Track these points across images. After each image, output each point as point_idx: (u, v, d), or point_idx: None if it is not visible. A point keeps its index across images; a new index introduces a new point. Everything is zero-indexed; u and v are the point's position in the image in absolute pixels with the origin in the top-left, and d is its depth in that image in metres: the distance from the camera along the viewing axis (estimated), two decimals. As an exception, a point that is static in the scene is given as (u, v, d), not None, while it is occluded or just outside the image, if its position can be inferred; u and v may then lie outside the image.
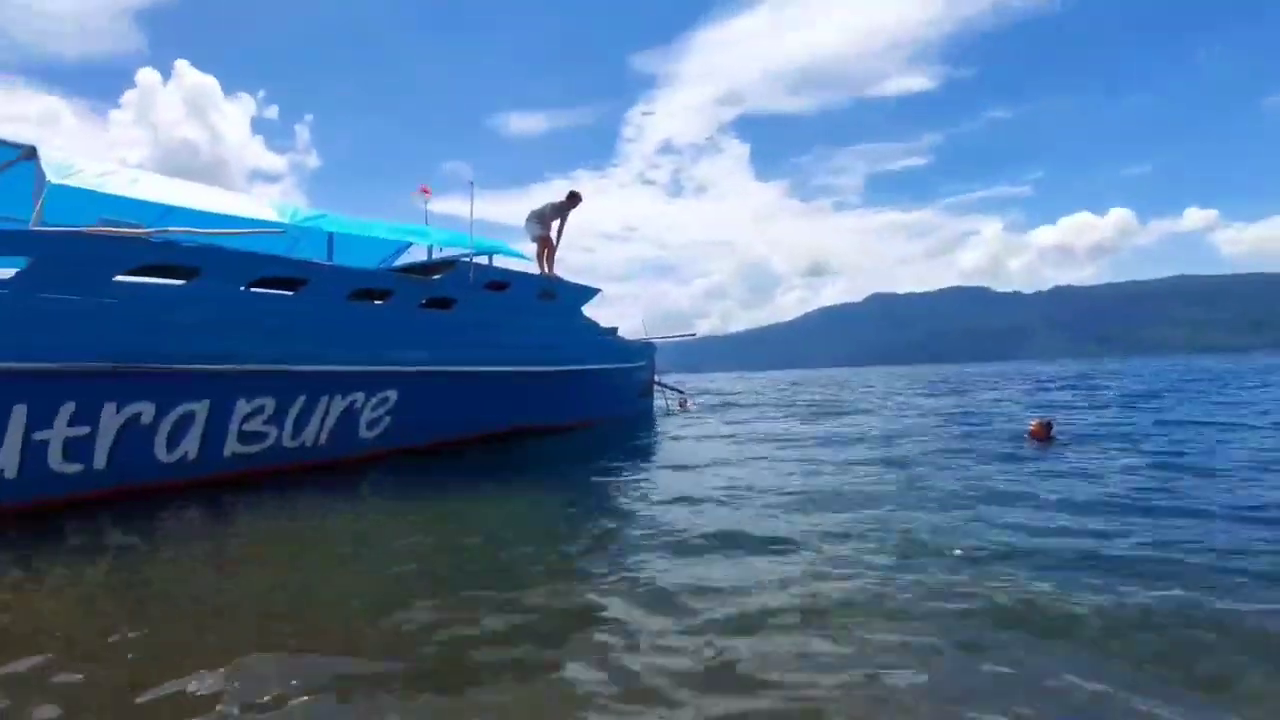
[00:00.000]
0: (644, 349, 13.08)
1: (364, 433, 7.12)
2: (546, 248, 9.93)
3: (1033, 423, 7.41)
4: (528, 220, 10.02)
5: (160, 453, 5.61)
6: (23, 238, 4.96)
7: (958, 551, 3.28)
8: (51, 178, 5.09)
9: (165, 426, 5.58)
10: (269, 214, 6.49)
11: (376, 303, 7.29)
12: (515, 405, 8.99)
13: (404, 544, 3.95)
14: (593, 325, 10.73)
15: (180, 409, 5.64)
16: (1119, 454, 6.09)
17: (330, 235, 8.19)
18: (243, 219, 6.30)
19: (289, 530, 4.48)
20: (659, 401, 14.42)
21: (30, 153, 5.32)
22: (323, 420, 6.68)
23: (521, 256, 9.83)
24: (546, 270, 9.88)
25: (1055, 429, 7.30)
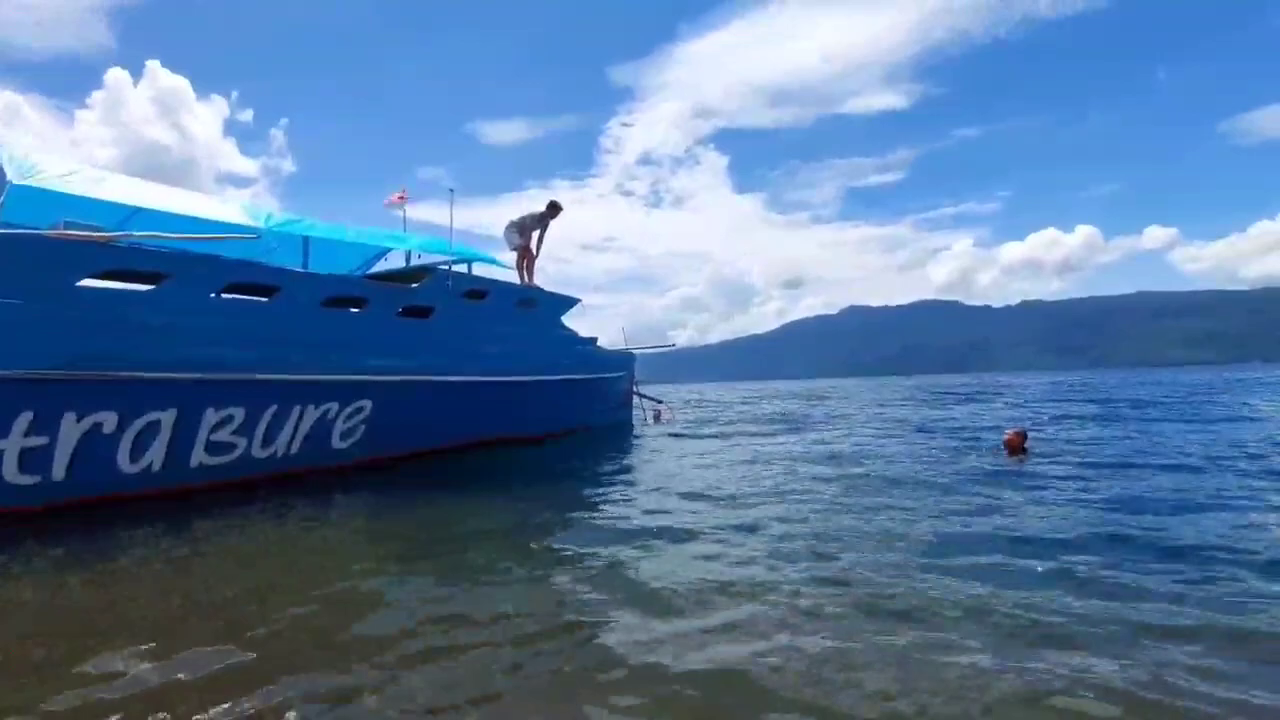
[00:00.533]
0: (624, 359, 13.03)
1: (337, 443, 6.94)
2: (526, 257, 9.86)
3: (1007, 432, 7.49)
4: (507, 229, 9.95)
5: (123, 463, 5.40)
6: (-22, 239, 4.76)
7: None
8: (13, 177, 4.90)
9: (129, 436, 5.38)
10: (241, 218, 6.32)
11: (352, 310, 7.14)
12: (493, 415, 8.87)
13: (372, 553, 3.82)
14: (572, 335, 10.65)
15: (145, 418, 5.44)
16: (1089, 467, 6.19)
17: (306, 240, 8.02)
18: (214, 222, 6.12)
19: (253, 540, 4.31)
20: (637, 412, 14.36)
21: (-11, 151, 5.12)
22: (295, 430, 6.49)
23: (501, 264, 9.73)
24: (526, 280, 9.79)
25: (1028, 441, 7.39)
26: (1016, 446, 7.09)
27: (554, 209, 9.99)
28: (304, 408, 6.50)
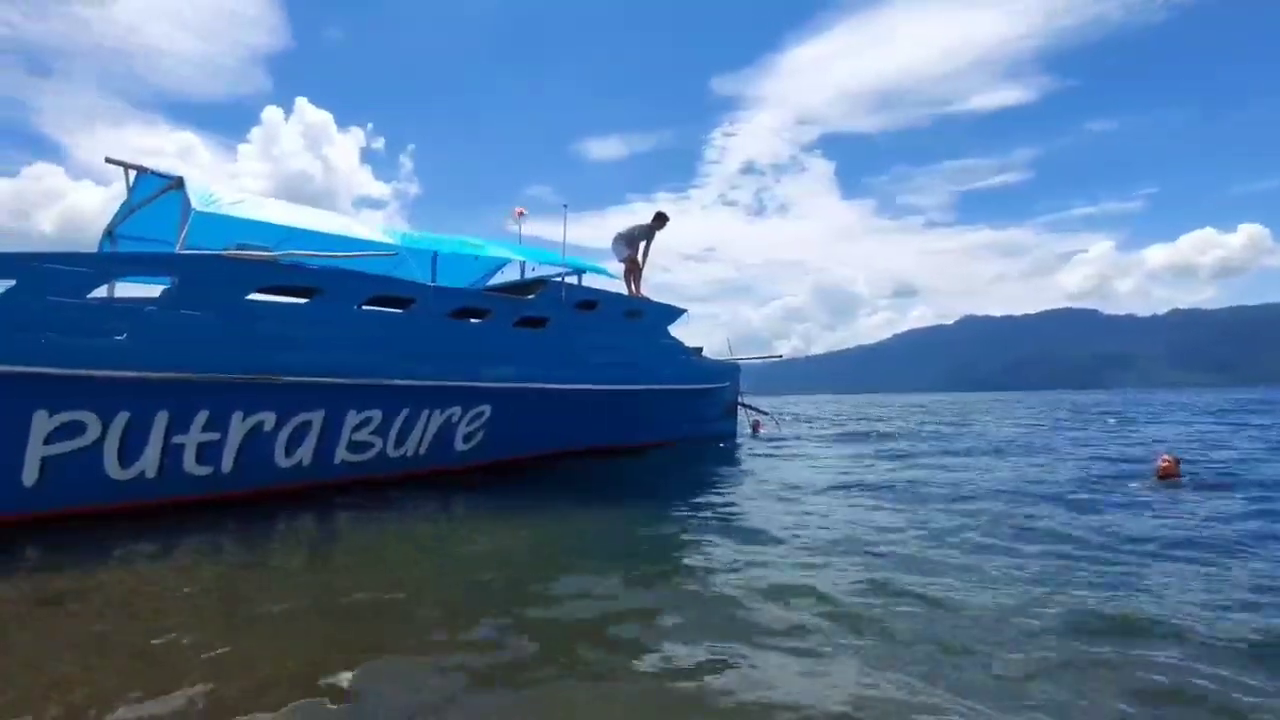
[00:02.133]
0: (728, 369, 12.95)
1: (460, 445, 7.37)
2: (633, 269, 10.05)
3: (1164, 458, 6.79)
4: (615, 241, 10.19)
5: (280, 458, 6.00)
6: (170, 260, 5.48)
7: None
8: (196, 206, 5.59)
9: (284, 434, 5.97)
10: (380, 236, 6.88)
11: (474, 321, 7.57)
12: (602, 422, 9.08)
13: (488, 549, 4.01)
14: (677, 345, 10.73)
15: (299, 418, 6.02)
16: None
17: (435, 255, 8.61)
18: (357, 240, 6.70)
19: (398, 534, 4.65)
20: (741, 423, 14.22)
21: (178, 183, 5.87)
22: (423, 432, 6.96)
23: (610, 275, 9.98)
24: (634, 290, 9.98)
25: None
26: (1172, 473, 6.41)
27: (660, 220, 10.14)
28: (431, 411, 6.96)
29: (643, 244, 10.10)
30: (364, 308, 6.70)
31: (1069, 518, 4.76)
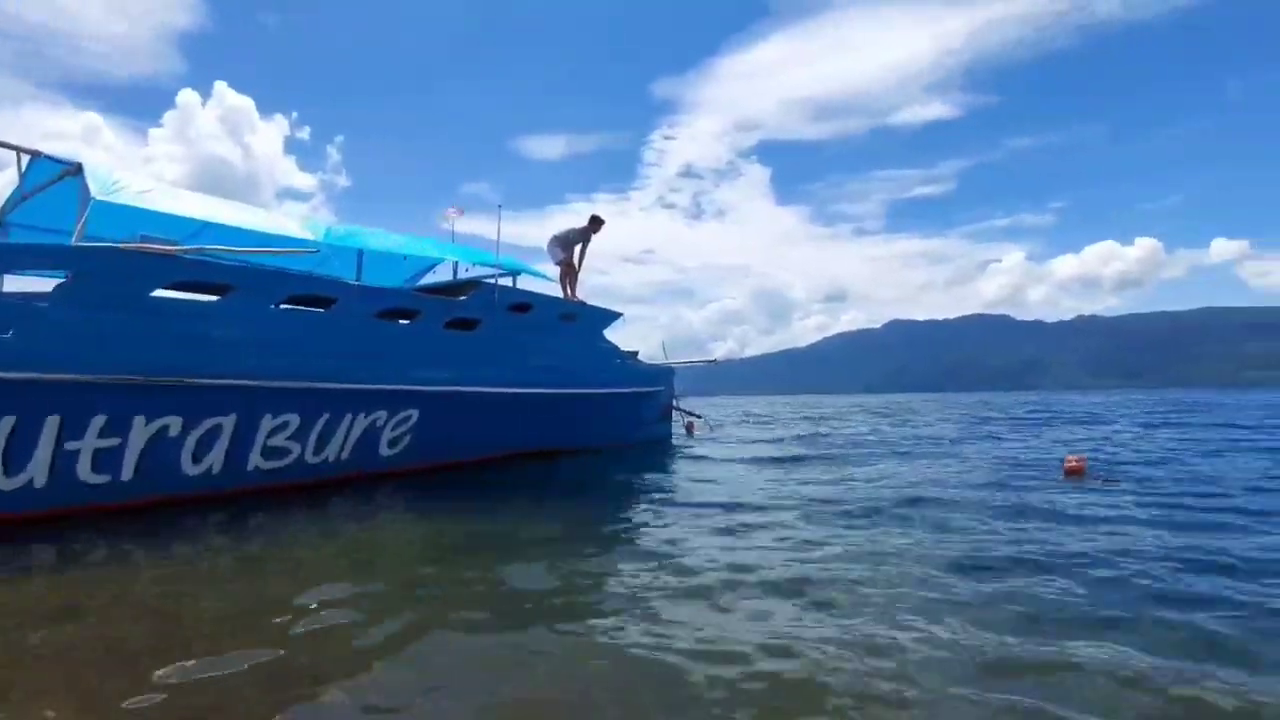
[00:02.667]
0: (664, 372, 13.06)
1: (385, 450, 7.16)
2: (569, 271, 10.02)
3: (1071, 458, 7.25)
4: (550, 244, 10.14)
5: (186, 465, 5.67)
6: (64, 252, 5.10)
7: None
8: (95, 194, 5.23)
9: (192, 440, 5.65)
10: (301, 231, 6.60)
11: (402, 322, 7.37)
12: (535, 427, 9.01)
13: (409, 557, 3.92)
14: (613, 348, 10.75)
15: (208, 423, 5.71)
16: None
17: (360, 253, 8.33)
18: (277, 236, 6.41)
19: (303, 542, 4.47)
20: (676, 426, 14.37)
21: (76, 169, 5.47)
22: (345, 437, 6.72)
23: (545, 278, 9.90)
24: (569, 293, 9.94)
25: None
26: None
27: (595, 223, 10.13)
28: (355, 416, 6.73)
29: (578, 247, 10.11)
30: (282, 307, 6.43)
31: (976, 516, 5.03)
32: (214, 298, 5.93)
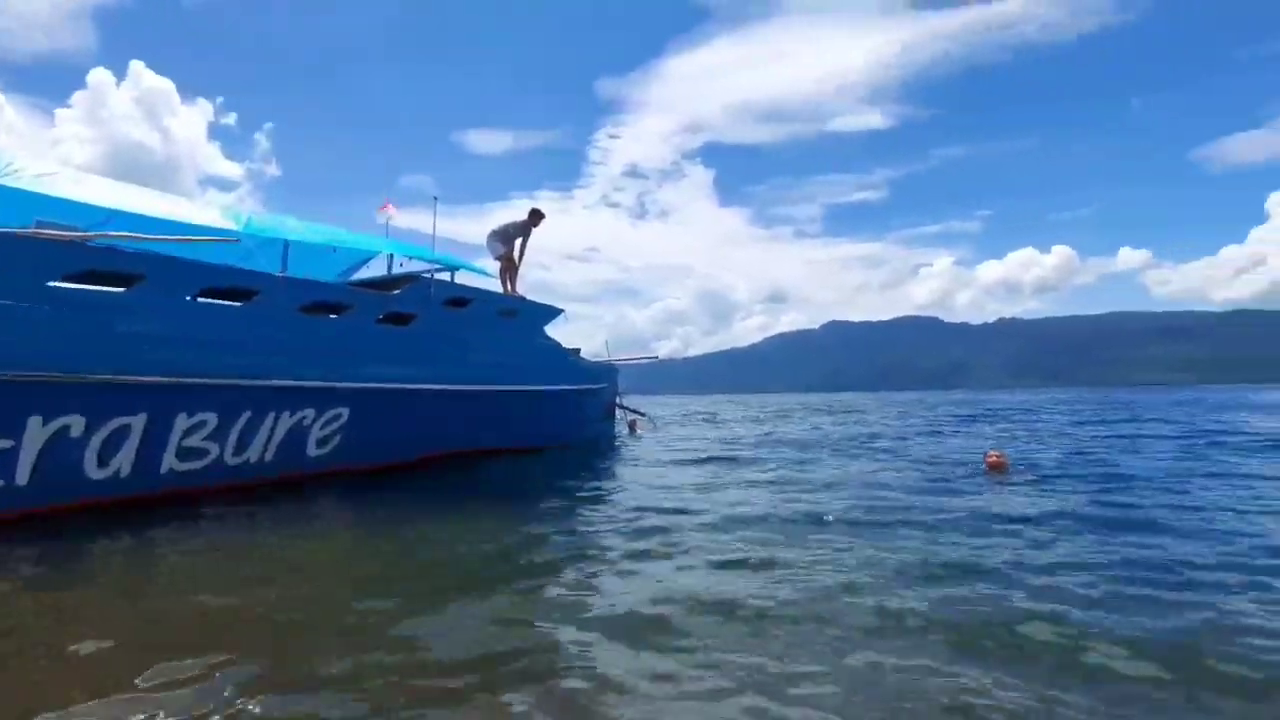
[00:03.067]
0: (606, 370, 13.02)
1: (313, 450, 6.85)
2: (509, 266, 9.85)
3: (992, 454, 7.56)
4: (490, 238, 9.93)
5: (90, 469, 5.28)
6: (-53, 237, 4.66)
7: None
8: (-15, 176, 4.81)
9: (96, 441, 5.26)
10: (220, 220, 6.24)
11: (331, 317, 7.07)
12: (473, 426, 8.81)
13: (341, 564, 3.76)
14: (555, 346, 10.63)
15: (114, 423, 5.32)
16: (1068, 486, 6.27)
17: (286, 244, 7.96)
18: (192, 225, 6.05)
19: (228, 550, 4.23)
20: (619, 424, 14.37)
21: (-38, 149, 5.02)
22: (269, 437, 6.40)
23: (484, 273, 9.71)
24: (509, 289, 9.77)
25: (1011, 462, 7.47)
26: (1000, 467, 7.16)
27: (535, 217, 9.95)
28: (279, 414, 6.41)
29: (519, 241, 9.94)
30: (198, 299, 6.06)
31: (905, 508, 5.21)
32: (121, 289, 5.54)
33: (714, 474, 7.62)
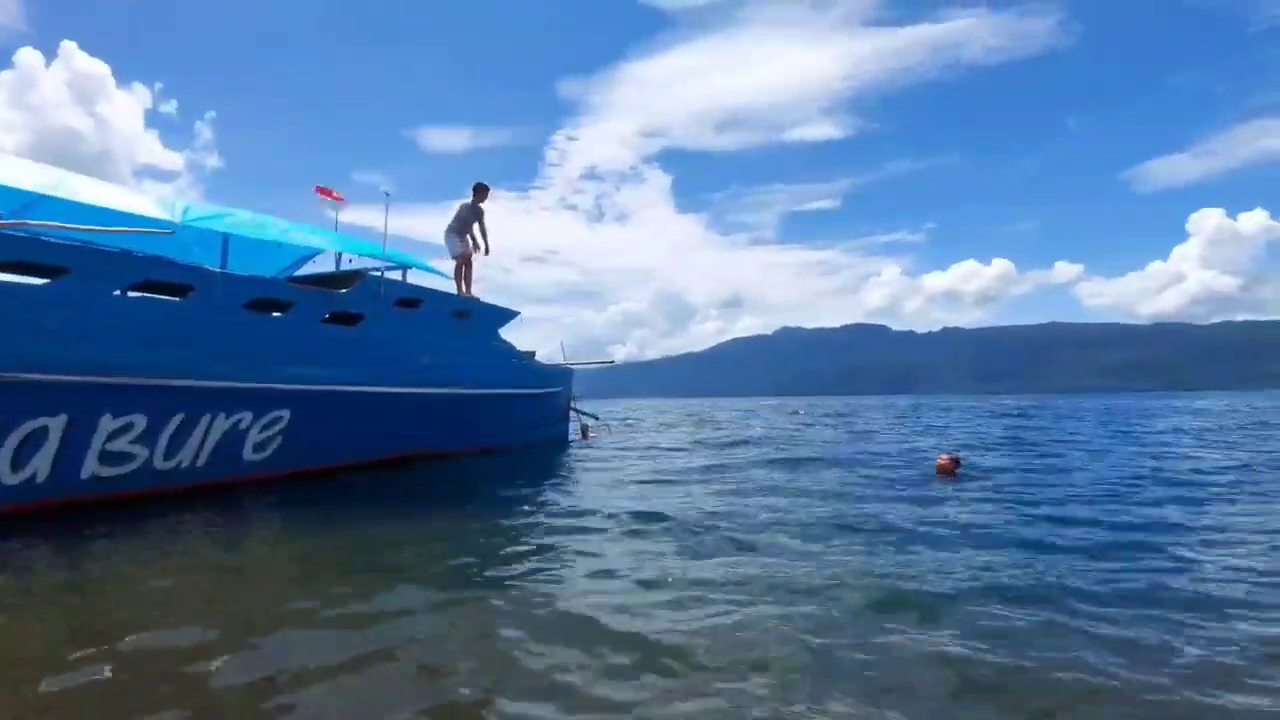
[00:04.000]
0: (561, 374, 12.89)
1: (250, 454, 6.54)
2: (465, 265, 9.62)
3: (943, 457, 7.74)
4: (447, 236, 9.66)
5: (4, 473, 4.91)
6: None
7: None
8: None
9: (10, 443, 4.90)
10: (155, 210, 5.90)
11: (274, 315, 6.78)
12: (424, 429, 8.58)
13: (276, 573, 3.59)
14: (509, 348, 10.47)
15: (30, 424, 4.97)
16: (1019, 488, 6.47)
17: (226, 238, 7.60)
18: (124, 214, 5.70)
19: (153, 560, 3.98)
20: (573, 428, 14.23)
21: None
22: (202, 440, 6.08)
23: (439, 273, 9.48)
24: (464, 290, 9.57)
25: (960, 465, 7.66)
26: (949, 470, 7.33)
27: (481, 192, 9.58)
28: (214, 416, 6.10)
29: (475, 226, 9.63)
30: (129, 294, 5.74)
31: (857, 509, 5.31)
32: (44, 281, 5.19)
33: (659, 477, 7.59)
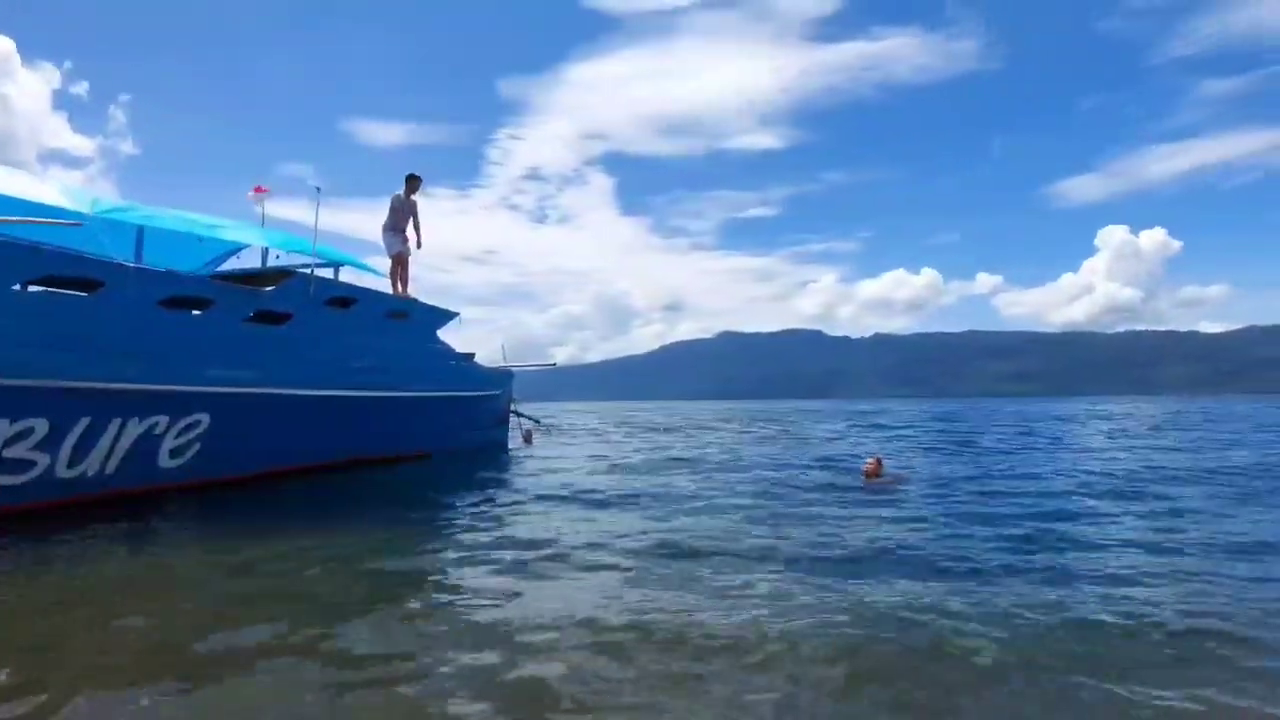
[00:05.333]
0: (501, 376, 12.69)
1: (165, 461, 6.15)
2: (401, 266, 9.31)
3: (870, 460, 8.01)
4: (384, 234, 9.31)
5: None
6: None
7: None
8: None
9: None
10: (61, 200, 5.47)
11: (193, 313, 6.40)
12: (356, 433, 8.28)
13: (189, 593, 3.39)
14: (447, 350, 10.23)
15: (-91, 430, 4.53)
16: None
17: (140, 230, 7.14)
18: (28, 203, 5.26)
19: (48, 578, 3.68)
20: (512, 431, 14.02)
21: None
22: (111, 447, 5.67)
23: (374, 271, 9.18)
24: (400, 290, 9.28)
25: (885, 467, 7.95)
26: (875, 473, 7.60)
27: (413, 182, 9.23)
28: (125, 421, 5.71)
29: (409, 222, 9.29)
30: (28, 288, 5.31)
31: (796, 507, 5.46)
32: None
33: (598, 486, 7.55)
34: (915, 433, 16.60)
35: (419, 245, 9.41)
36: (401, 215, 9.22)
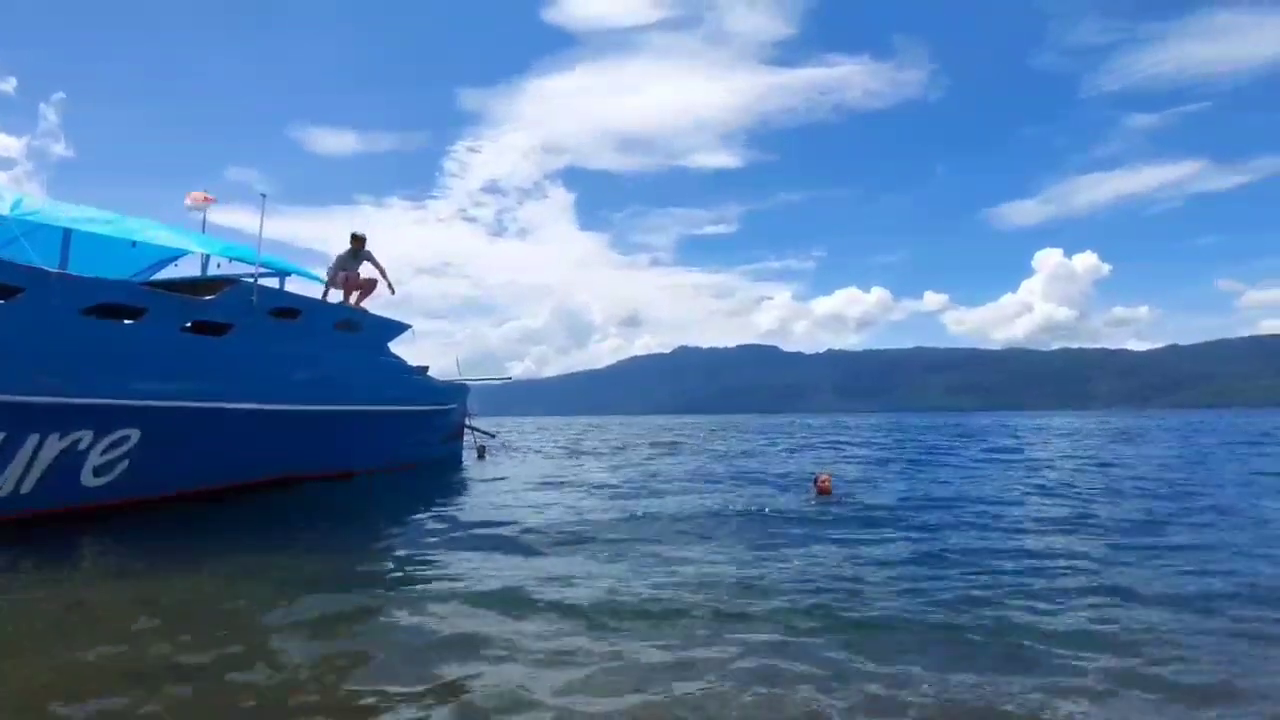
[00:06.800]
0: (456, 390, 12.40)
1: (89, 480, 5.74)
2: (355, 285, 8.95)
3: (822, 477, 8.05)
4: (328, 290, 8.91)
5: None
6: None
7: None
8: None
9: None
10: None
11: (124, 322, 6.03)
12: (303, 448, 7.91)
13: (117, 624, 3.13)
14: (399, 363, 9.92)
15: None
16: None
17: (67, 234, 6.71)
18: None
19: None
20: (467, 446, 13.69)
21: None
22: (28, 464, 5.27)
23: (321, 281, 8.85)
24: (352, 300, 8.96)
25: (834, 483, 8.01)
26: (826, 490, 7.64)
27: (358, 241, 8.89)
28: (44, 436, 5.31)
29: (361, 269, 8.95)
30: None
31: (747, 521, 5.48)
32: None
33: (550, 499, 7.43)
34: (868, 448, 16.87)
35: (391, 291, 9.13)
36: (353, 259, 8.86)
